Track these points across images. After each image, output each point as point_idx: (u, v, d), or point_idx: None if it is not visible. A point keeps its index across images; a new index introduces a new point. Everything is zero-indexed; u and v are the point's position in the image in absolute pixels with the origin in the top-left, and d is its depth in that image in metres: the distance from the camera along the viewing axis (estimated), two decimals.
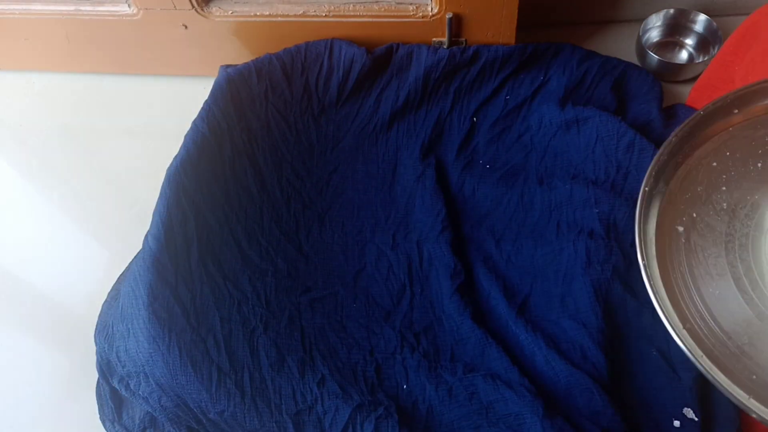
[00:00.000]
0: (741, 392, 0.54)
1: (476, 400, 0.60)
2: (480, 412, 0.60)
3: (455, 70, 0.81)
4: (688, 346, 0.56)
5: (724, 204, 0.64)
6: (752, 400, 0.54)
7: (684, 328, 0.58)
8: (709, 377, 0.55)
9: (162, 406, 0.60)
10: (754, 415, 0.53)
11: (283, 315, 0.68)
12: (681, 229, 0.64)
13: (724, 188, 0.64)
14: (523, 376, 0.62)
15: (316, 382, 0.61)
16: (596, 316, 0.64)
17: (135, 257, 0.76)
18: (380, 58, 0.82)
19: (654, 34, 0.92)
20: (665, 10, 0.89)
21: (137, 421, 0.67)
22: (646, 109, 0.81)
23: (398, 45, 0.82)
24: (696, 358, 0.56)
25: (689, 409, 0.61)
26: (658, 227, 0.64)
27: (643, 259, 0.60)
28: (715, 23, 0.87)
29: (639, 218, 0.62)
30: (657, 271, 0.61)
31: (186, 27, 0.85)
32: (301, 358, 0.64)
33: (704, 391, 0.62)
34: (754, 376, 0.55)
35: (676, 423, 0.60)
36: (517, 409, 0.59)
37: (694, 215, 0.64)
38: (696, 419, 0.60)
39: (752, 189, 0.64)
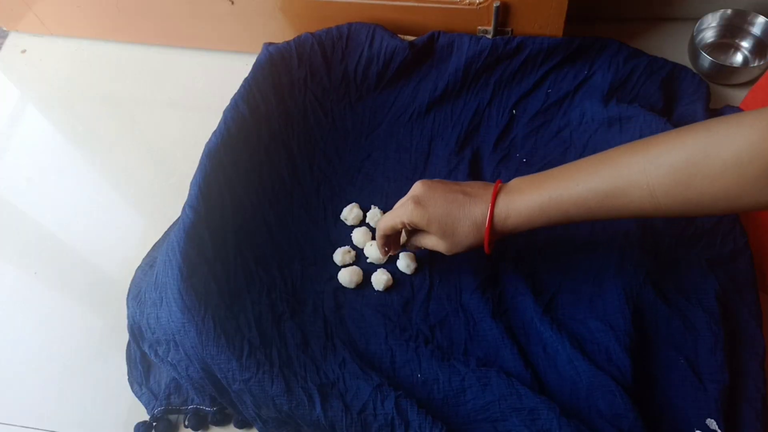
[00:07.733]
0: None
1: (489, 391, 0.60)
2: (494, 403, 0.60)
3: (497, 61, 0.80)
4: None
5: None
6: None
7: None
8: None
9: (189, 375, 0.61)
10: None
11: (308, 303, 0.69)
12: None
13: None
14: (535, 381, 0.62)
15: (337, 364, 0.62)
16: (625, 319, 0.63)
17: (171, 226, 0.78)
18: (421, 48, 0.81)
19: (708, 35, 0.88)
20: (722, 10, 0.86)
21: (163, 386, 0.69)
22: (691, 109, 0.78)
23: (439, 33, 0.81)
24: None
25: (713, 420, 0.59)
26: None
27: None
28: None
29: None
30: None
31: (232, 2, 0.86)
32: (323, 343, 0.65)
33: (730, 404, 0.61)
34: None
35: None
36: (532, 404, 0.58)
37: None
38: (719, 431, 0.59)
39: None
